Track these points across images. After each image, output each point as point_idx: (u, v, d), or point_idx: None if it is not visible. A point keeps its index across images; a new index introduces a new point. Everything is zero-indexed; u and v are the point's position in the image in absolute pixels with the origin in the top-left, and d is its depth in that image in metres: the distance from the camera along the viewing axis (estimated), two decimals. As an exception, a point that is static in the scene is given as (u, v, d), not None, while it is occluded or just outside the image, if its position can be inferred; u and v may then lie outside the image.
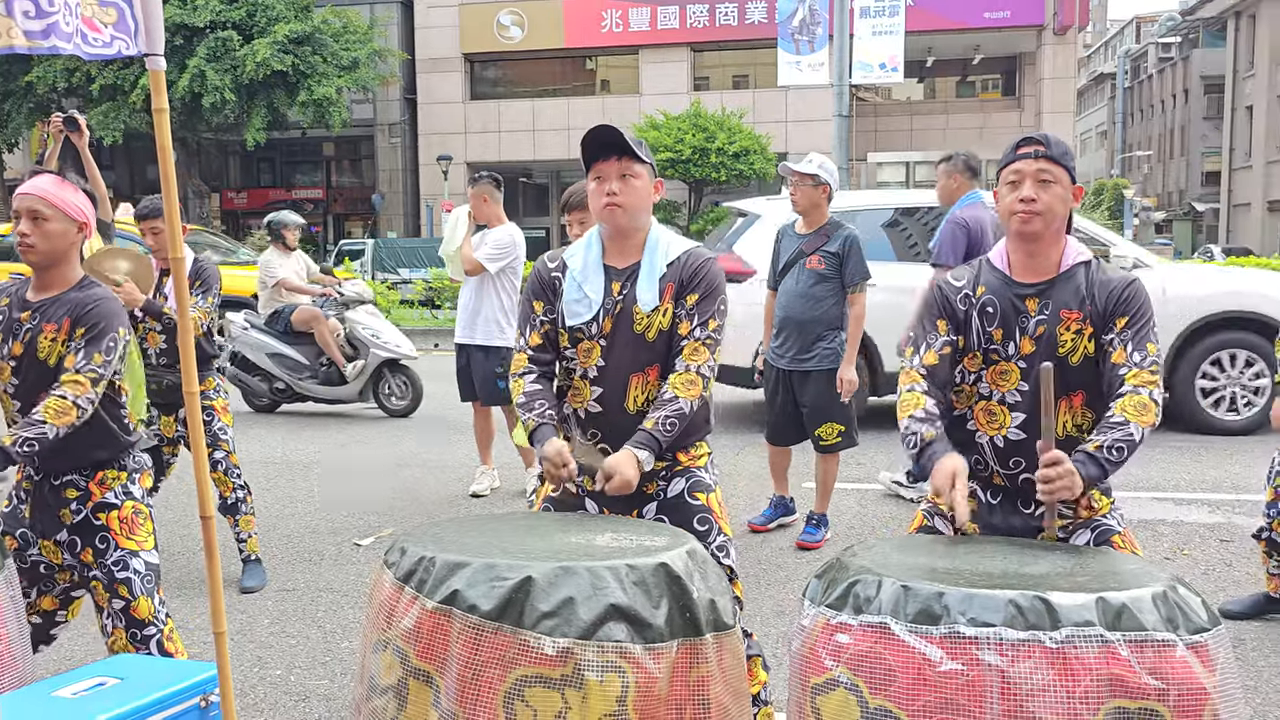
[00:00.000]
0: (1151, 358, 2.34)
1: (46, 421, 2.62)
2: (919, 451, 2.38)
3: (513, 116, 30.24)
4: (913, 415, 2.41)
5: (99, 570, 2.88)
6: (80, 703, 2.18)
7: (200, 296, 4.58)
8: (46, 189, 2.77)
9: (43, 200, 2.75)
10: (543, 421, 2.69)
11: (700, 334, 2.65)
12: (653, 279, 2.68)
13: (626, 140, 2.63)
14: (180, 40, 22.41)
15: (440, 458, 7.44)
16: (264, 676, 3.77)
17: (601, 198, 2.67)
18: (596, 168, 2.67)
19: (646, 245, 2.73)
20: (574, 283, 2.73)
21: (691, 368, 2.63)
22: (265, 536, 5.33)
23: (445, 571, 2.03)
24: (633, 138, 2.68)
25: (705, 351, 2.66)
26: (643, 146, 2.70)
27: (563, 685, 1.94)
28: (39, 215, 2.75)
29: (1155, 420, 2.29)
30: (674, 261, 2.71)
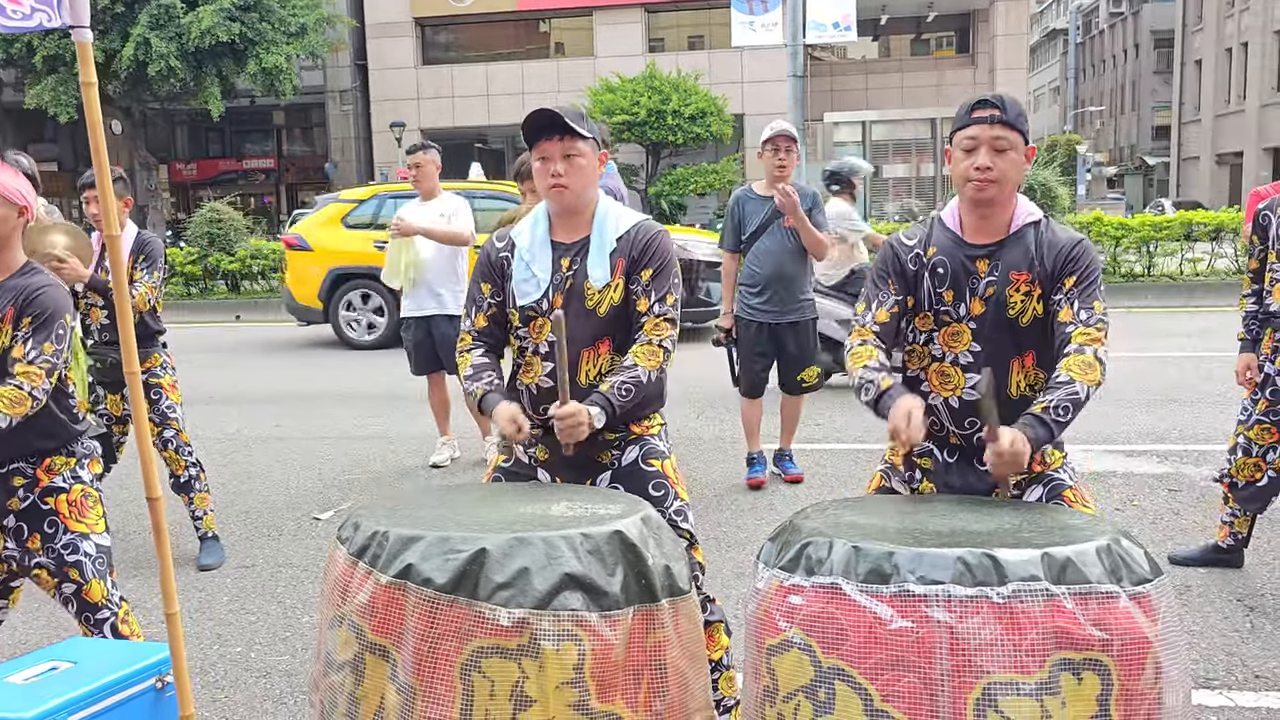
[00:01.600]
0: (1098, 316, 2.37)
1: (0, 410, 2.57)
2: (876, 399, 2.39)
3: (466, 81, 29.86)
4: (867, 366, 2.43)
5: (46, 555, 2.83)
6: (32, 688, 2.16)
7: (146, 272, 4.50)
8: None
9: None
10: (490, 390, 2.69)
11: (659, 309, 2.65)
12: (603, 254, 2.67)
13: (567, 122, 2.60)
14: (121, 8, 21.86)
15: (398, 429, 7.40)
16: (224, 654, 3.75)
17: (547, 178, 2.64)
18: (540, 147, 2.64)
19: (595, 219, 2.72)
20: (522, 262, 2.72)
21: (654, 340, 2.63)
22: (223, 513, 5.29)
23: (399, 546, 2.02)
24: (573, 113, 2.64)
25: (667, 326, 2.66)
26: (584, 121, 2.67)
27: (519, 655, 1.94)
28: None
29: (1100, 378, 2.32)
30: (623, 236, 2.70)
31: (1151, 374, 8.42)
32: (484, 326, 2.79)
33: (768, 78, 26.70)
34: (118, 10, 21.85)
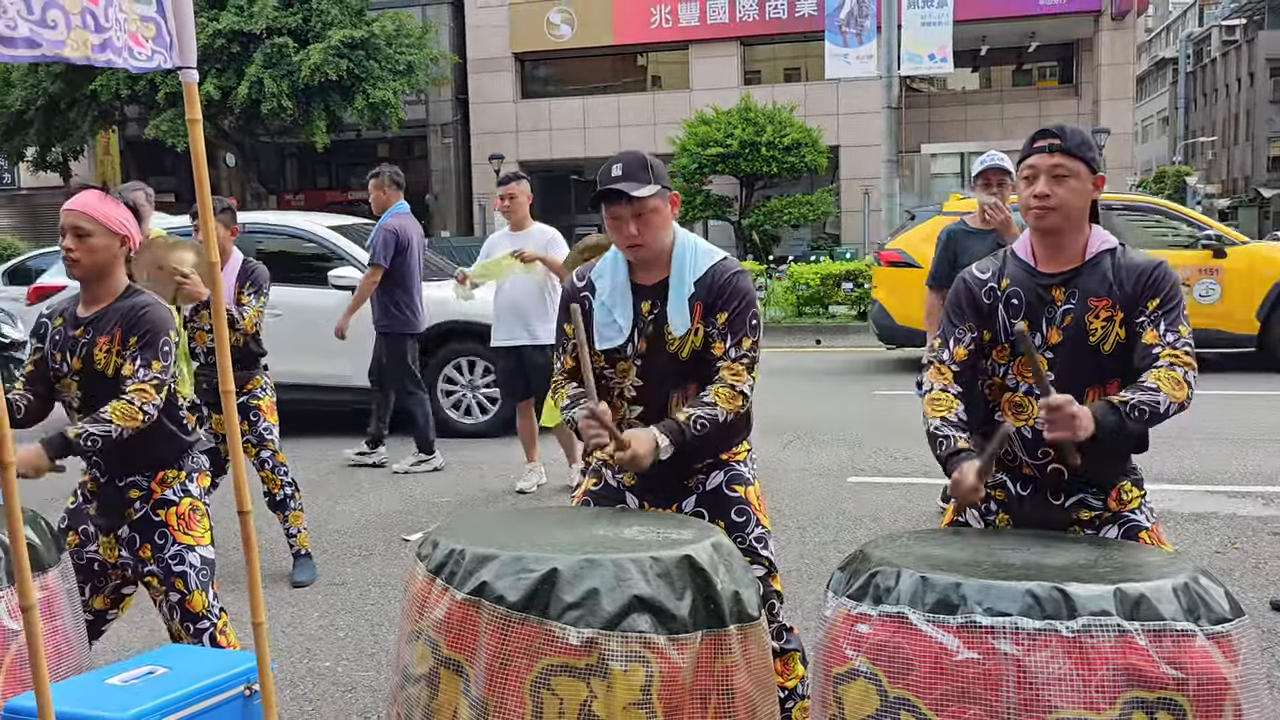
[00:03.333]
0: (1185, 339, 2.31)
1: (112, 421, 2.74)
2: (948, 457, 2.37)
3: (563, 114, 30.36)
4: (945, 418, 2.41)
5: (156, 565, 2.98)
6: (130, 690, 2.27)
7: (253, 296, 4.70)
8: (89, 204, 2.85)
9: (85, 216, 2.84)
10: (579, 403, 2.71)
11: (735, 354, 2.65)
12: (681, 300, 2.68)
13: (632, 194, 2.61)
14: (237, 48, 22.86)
15: (488, 456, 7.53)
16: (312, 668, 3.87)
17: (623, 239, 2.68)
18: (610, 210, 2.66)
19: (674, 260, 2.72)
20: (604, 307, 2.74)
21: (736, 387, 2.63)
22: (316, 532, 5.46)
23: (474, 564, 2.09)
24: (637, 166, 2.64)
25: (745, 373, 2.66)
26: (648, 171, 2.66)
27: (588, 674, 1.98)
28: (82, 231, 2.84)
29: (1186, 399, 2.24)
30: (701, 278, 2.69)
31: (1258, 412, 8.09)
32: (572, 367, 2.82)
33: (863, 109, 26.54)
34: (234, 50, 22.85)
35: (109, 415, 2.75)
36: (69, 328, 2.96)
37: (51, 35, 1.71)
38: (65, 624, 2.57)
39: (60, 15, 1.73)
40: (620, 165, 2.65)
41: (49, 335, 3.00)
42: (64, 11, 1.74)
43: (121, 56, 1.84)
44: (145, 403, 2.80)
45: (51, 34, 1.71)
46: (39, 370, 3.02)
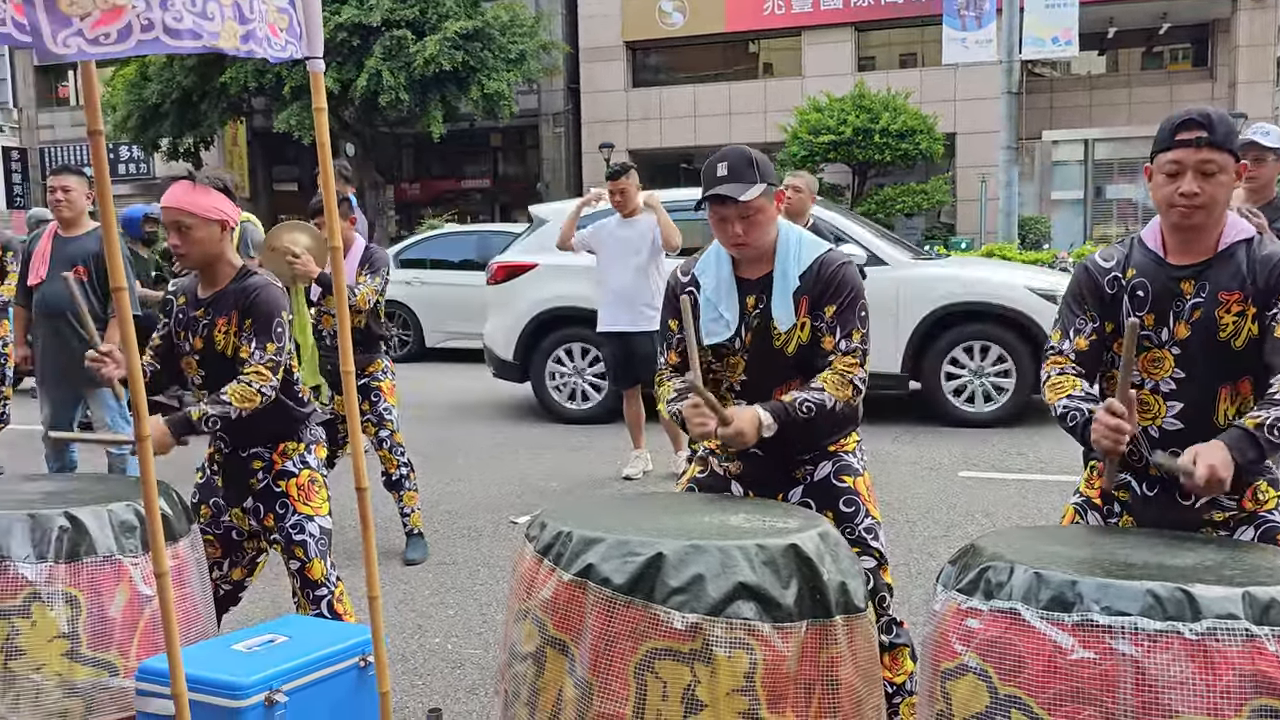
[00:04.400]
0: None
1: (231, 403, 2.88)
2: (1084, 425, 2.29)
3: (674, 103, 30.34)
4: (1071, 395, 2.34)
5: (278, 533, 3.12)
6: (254, 656, 2.38)
7: (369, 277, 4.84)
8: (182, 198, 2.96)
9: (181, 210, 2.95)
10: None
11: (846, 346, 2.62)
12: (786, 295, 2.65)
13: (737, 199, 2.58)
14: (357, 41, 23.48)
15: (595, 441, 7.61)
16: (423, 644, 3.98)
17: (728, 239, 2.66)
18: (715, 209, 2.64)
19: (777, 254, 2.69)
20: (709, 302, 2.73)
21: (847, 376, 2.60)
22: (428, 513, 5.59)
23: (581, 546, 2.12)
24: (742, 165, 2.61)
25: (856, 364, 2.62)
26: (753, 169, 2.62)
27: (692, 659, 1.99)
28: (182, 225, 2.96)
29: None
30: (806, 271, 2.66)
31: None
32: (677, 362, 2.83)
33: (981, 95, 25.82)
34: (354, 43, 23.48)
35: (228, 397, 2.88)
36: (191, 308, 3.10)
37: (210, 27, 1.80)
38: (194, 591, 2.70)
39: (217, 8, 1.82)
40: (726, 164, 2.62)
41: (174, 313, 3.14)
42: (219, 4, 1.83)
43: (262, 47, 1.92)
44: (262, 385, 2.92)
45: (210, 25, 1.80)
46: (164, 345, 3.17)
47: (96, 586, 2.44)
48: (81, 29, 1.67)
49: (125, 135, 26.75)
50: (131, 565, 2.49)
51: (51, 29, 1.65)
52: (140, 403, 2.01)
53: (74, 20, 1.65)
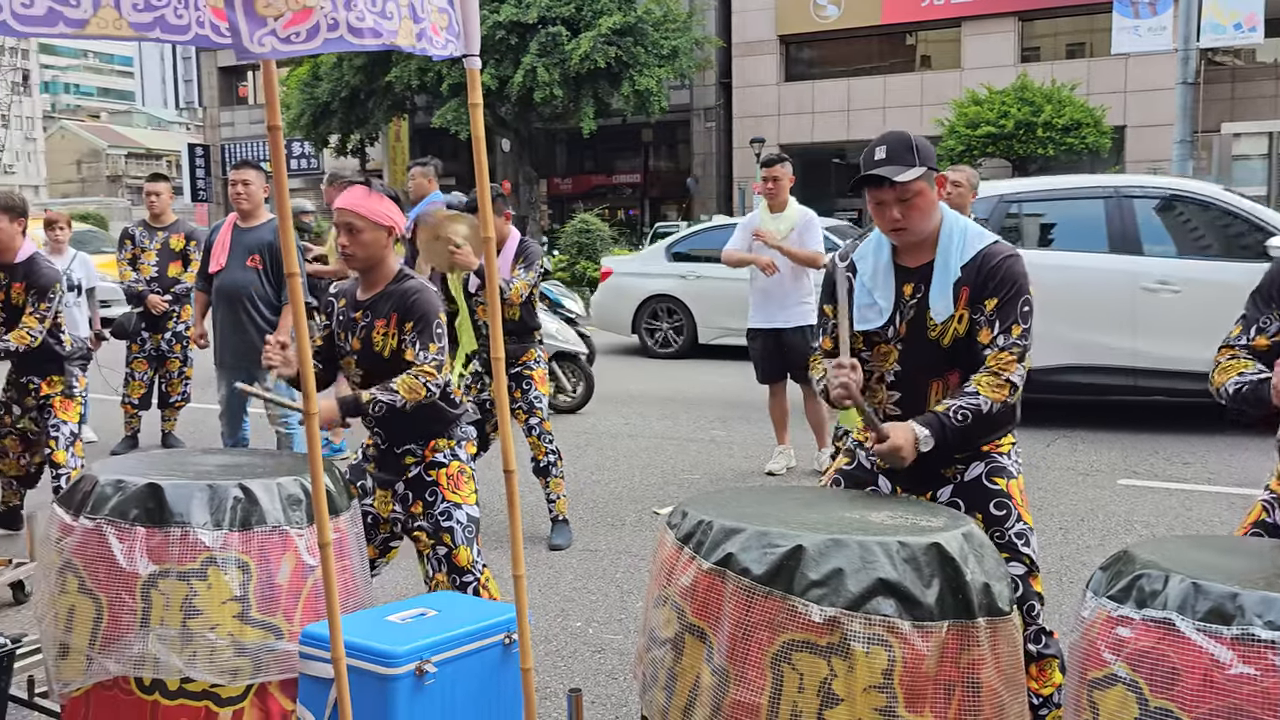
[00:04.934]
0: None
1: (398, 393, 3.04)
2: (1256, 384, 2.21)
3: (827, 97, 29.95)
4: (1241, 373, 2.26)
5: (426, 520, 3.25)
6: (407, 628, 2.49)
7: (524, 270, 4.98)
8: (357, 202, 3.12)
9: (355, 214, 3.11)
10: None
11: (1004, 342, 2.53)
12: (946, 285, 2.60)
13: (894, 179, 2.55)
14: (515, 39, 24.07)
15: (739, 436, 7.61)
16: (565, 627, 4.08)
17: (885, 223, 2.62)
18: (873, 194, 2.60)
19: (940, 243, 2.63)
20: (864, 288, 2.70)
21: (1002, 375, 2.52)
22: (574, 500, 5.71)
23: (721, 535, 2.15)
24: (901, 148, 2.57)
25: (1013, 361, 2.54)
26: (912, 153, 2.58)
27: (829, 653, 1.99)
28: (354, 228, 3.12)
29: None
30: (969, 263, 2.60)
31: None
32: (830, 348, 2.81)
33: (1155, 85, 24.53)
34: (511, 41, 24.08)
35: (397, 387, 3.04)
36: (350, 309, 3.26)
37: (389, 25, 1.92)
38: (353, 564, 2.84)
39: (395, 7, 1.94)
40: (884, 147, 2.59)
41: (335, 314, 3.31)
42: (397, 4, 1.94)
43: (430, 45, 2.03)
44: (429, 381, 3.08)
45: (389, 24, 1.92)
46: (326, 345, 3.35)
47: (265, 554, 2.60)
48: (275, 29, 1.81)
49: (297, 132, 28.20)
50: (297, 536, 2.64)
51: (249, 29, 1.79)
52: (309, 382, 2.14)
53: (268, 20, 1.78)
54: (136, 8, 1.77)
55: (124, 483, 2.60)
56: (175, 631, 2.53)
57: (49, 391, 4.85)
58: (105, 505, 2.58)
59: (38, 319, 4.65)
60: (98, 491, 2.61)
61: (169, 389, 7.23)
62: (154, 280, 6.98)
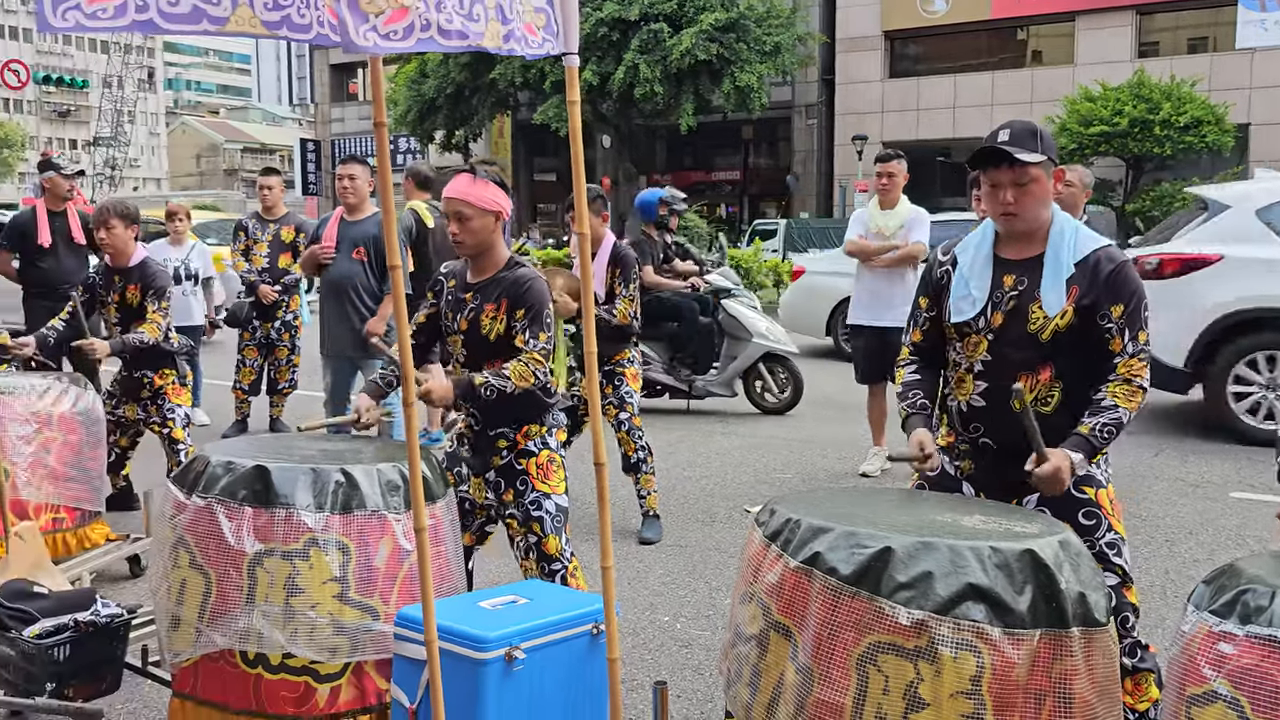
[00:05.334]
0: None
1: (510, 379, 3.12)
2: None
3: (932, 93, 29.41)
4: None
5: (516, 508, 3.31)
6: (497, 614, 2.55)
7: (624, 286, 5.03)
8: (465, 190, 3.18)
9: (463, 202, 3.18)
10: (913, 412, 2.73)
11: (1133, 348, 2.56)
12: (1059, 279, 2.58)
13: (1016, 157, 2.55)
14: (617, 35, 24.20)
15: (834, 435, 7.54)
16: (653, 621, 4.11)
17: (997, 205, 2.61)
18: (989, 175, 2.60)
19: (1051, 236, 2.62)
20: (961, 279, 2.70)
21: (1134, 382, 2.55)
22: (665, 496, 5.73)
23: (809, 534, 2.14)
24: (1025, 133, 2.58)
25: (1145, 367, 2.57)
26: (1035, 140, 2.58)
27: (916, 656, 1.97)
28: (463, 215, 3.18)
29: None
30: (1083, 261, 2.59)
31: None
32: (919, 341, 2.82)
33: (1283, 82, 23.47)
34: (614, 38, 24.22)
35: (509, 373, 3.11)
36: (460, 290, 3.33)
37: (475, 28, 1.99)
38: (447, 550, 2.91)
39: (482, 10, 1.99)
40: (1008, 130, 2.61)
41: (443, 293, 3.39)
42: (484, 6, 1.99)
43: (521, 45, 2.08)
44: (538, 369, 3.16)
45: (475, 26, 1.98)
46: (429, 323, 3.43)
47: (364, 537, 2.69)
48: (376, 25, 1.89)
49: (404, 128, 28.85)
50: (395, 521, 2.72)
51: (354, 22, 1.88)
52: (408, 373, 2.20)
53: (370, 16, 1.86)
54: (267, 6, 1.88)
55: (233, 464, 2.71)
56: (278, 608, 2.63)
57: (161, 383, 5.20)
58: (216, 485, 2.70)
59: (161, 315, 5.06)
60: (209, 472, 2.73)
61: (278, 376, 7.49)
62: (265, 271, 7.24)
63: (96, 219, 5.17)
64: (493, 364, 3.22)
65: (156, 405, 5.21)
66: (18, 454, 4.28)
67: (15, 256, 6.79)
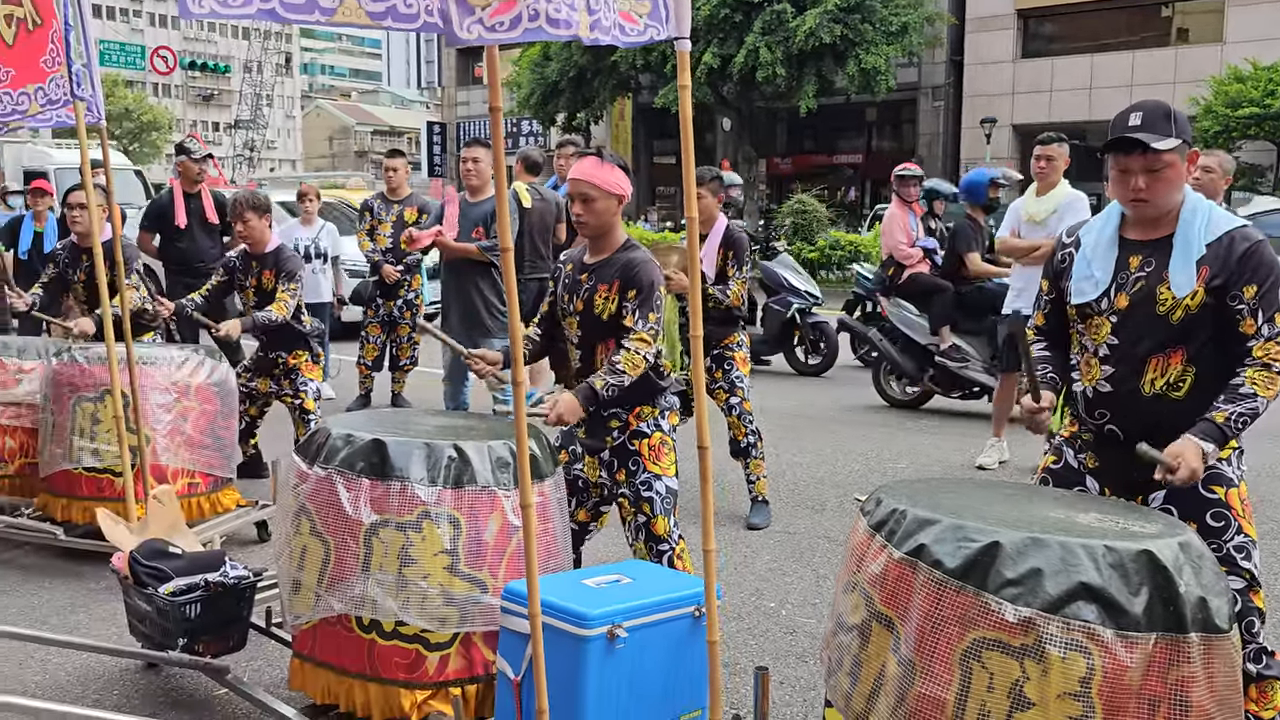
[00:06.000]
0: None
1: (625, 372, 3.18)
2: None
3: (1067, 74, 28.30)
4: None
5: (628, 488, 3.35)
6: (601, 592, 2.59)
7: (736, 269, 5.01)
8: (591, 173, 3.24)
9: (589, 184, 3.24)
10: (1043, 381, 2.66)
11: (1269, 330, 2.45)
12: (1189, 260, 2.49)
13: (1149, 144, 2.45)
14: (739, 17, 23.98)
15: (951, 426, 7.38)
16: (759, 606, 4.10)
17: (1126, 193, 2.53)
18: (1119, 160, 2.52)
19: (1182, 217, 2.54)
20: (1083, 260, 2.64)
21: (1273, 367, 2.44)
22: (774, 482, 5.71)
23: (915, 525, 2.11)
24: (1159, 116, 2.48)
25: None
26: (1169, 123, 2.48)
27: (1022, 655, 1.93)
28: (587, 197, 3.25)
29: None
30: (1215, 241, 2.49)
31: None
32: (1042, 325, 2.80)
33: None
34: (736, 19, 24.00)
35: (623, 367, 3.17)
36: (576, 273, 3.39)
37: (575, 17, 2.03)
38: (554, 527, 2.97)
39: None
40: (1140, 114, 2.52)
41: (560, 278, 3.45)
42: None
43: (610, 34, 2.11)
44: (646, 351, 3.21)
45: (575, 15, 2.02)
46: (550, 311, 3.50)
47: (475, 512, 2.76)
48: (481, 17, 1.98)
49: (527, 111, 29.21)
50: (504, 497, 2.79)
51: (459, 16, 1.96)
52: (517, 353, 2.25)
53: (476, 9, 1.92)
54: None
55: (353, 437, 2.82)
56: (392, 577, 2.73)
57: (294, 362, 5.51)
58: (336, 457, 2.81)
59: (290, 295, 5.34)
60: (330, 444, 2.84)
61: (399, 353, 7.72)
62: (389, 251, 7.46)
63: (232, 213, 5.47)
64: (605, 344, 3.27)
65: (290, 379, 5.51)
66: (157, 421, 4.53)
67: (156, 236, 7.18)
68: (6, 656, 3.60)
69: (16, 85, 4.04)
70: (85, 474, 4.58)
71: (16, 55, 4.03)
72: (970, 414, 7.67)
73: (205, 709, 3.28)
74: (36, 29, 3.96)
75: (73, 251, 5.73)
